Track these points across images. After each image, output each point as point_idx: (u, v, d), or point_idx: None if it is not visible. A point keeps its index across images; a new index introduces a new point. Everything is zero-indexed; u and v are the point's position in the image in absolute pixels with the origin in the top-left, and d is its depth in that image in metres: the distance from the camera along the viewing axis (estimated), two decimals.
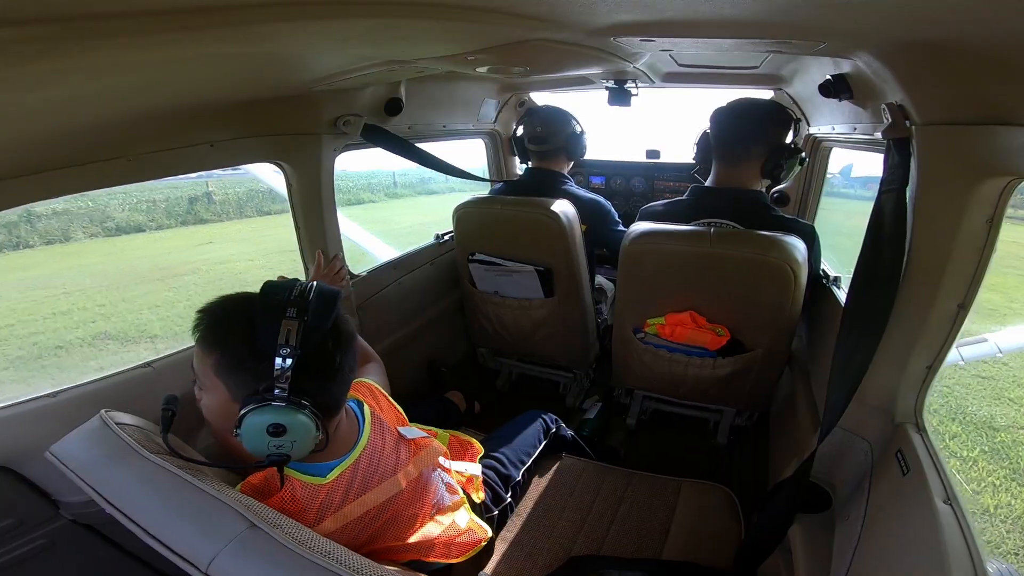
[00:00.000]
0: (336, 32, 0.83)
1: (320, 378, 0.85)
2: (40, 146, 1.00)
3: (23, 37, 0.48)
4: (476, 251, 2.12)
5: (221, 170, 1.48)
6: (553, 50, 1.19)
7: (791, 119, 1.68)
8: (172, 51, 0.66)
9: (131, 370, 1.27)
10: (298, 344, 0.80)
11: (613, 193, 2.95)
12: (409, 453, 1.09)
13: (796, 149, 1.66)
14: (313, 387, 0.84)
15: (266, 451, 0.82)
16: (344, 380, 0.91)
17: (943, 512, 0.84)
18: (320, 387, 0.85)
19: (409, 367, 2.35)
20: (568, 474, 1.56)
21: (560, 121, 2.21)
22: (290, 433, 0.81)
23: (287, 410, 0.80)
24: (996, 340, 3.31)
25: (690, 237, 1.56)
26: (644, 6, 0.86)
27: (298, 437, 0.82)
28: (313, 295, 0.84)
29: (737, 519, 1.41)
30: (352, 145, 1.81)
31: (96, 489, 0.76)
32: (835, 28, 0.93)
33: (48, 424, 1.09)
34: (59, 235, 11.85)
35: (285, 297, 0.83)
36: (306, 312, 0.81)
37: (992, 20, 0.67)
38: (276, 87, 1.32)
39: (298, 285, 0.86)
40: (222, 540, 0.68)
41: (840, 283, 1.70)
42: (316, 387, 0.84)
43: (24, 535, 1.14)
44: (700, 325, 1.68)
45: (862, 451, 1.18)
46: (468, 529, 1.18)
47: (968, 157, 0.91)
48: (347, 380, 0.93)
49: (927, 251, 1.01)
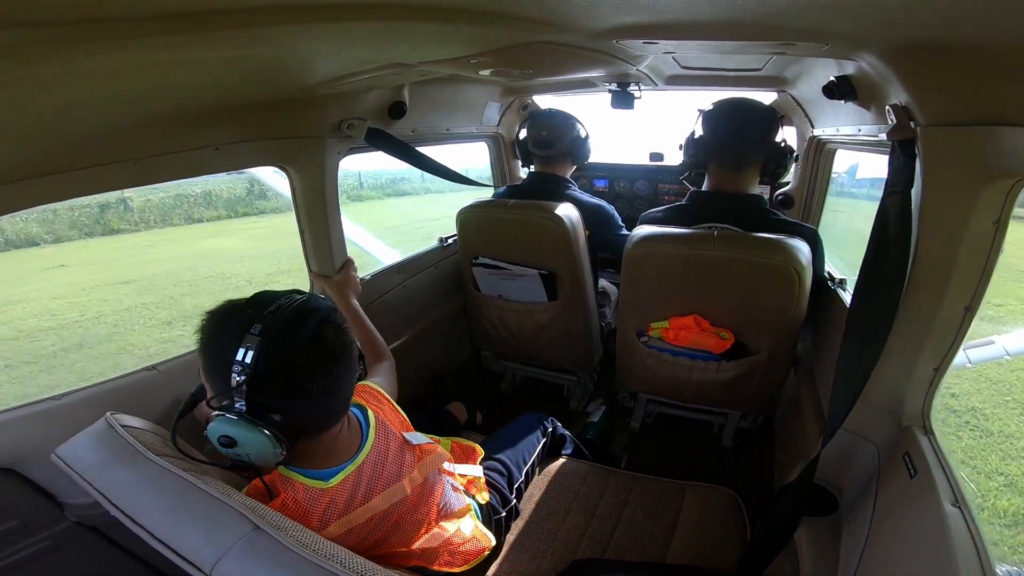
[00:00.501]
0: (340, 35, 0.83)
1: (284, 397, 0.82)
2: (47, 149, 1.00)
3: (30, 40, 0.48)
4: (480, 254, 2.12)
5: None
6: (556, 52, 1.19)
7: (778, 117, 1.69)
8: (178, 54, 0.67)
9: (135, 373, 1.27)
10: (253, 362, 0.78)
11: (616, 196, 2.94)
12: (414, 458, 1.08)
13: (790, 147, 1.67)
14: (277, 405, 0.82)
15: (227, 458, 0.84)
16: (321, 400, 0.87)
17: (951, 515, 0.83)
18: (286, 405, 0.83)
19: (412, 370, 2.35)
20: (572, 477, 1.55)
21: (564, 125, 2.21)
22: (241, 446, 0.81)
23: (239, 424, 0.80)
24: (1004, 342, 3.28)
25: (693, 240, 1.55)
26: (647, 9, 0.86)
27: (251, 451, 0.82)
28: (282, 314, 0.82)
29: (742, 522, 1.40)
30: (356, 148, 1.82)
31: (101, 491, 0.76)
32: (838, 30, 0.93)
33: (53, 426, 1.10)
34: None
35: (255, 312, 0.82)
36: (271, 330, 0.80)
37: (997, 21, 0.67)
38: (280, 90, 1.33)
39: (281, 300, 0.84)
40: (226, 543, 0.68)
41: (846, 285, 1.69)
42: (281, 405, 0.82)
43: (28, 537, 1.15)
44: (704, 328, 1.68)
45: (869, 454, 1.17)
46: (473, 537, 1.18)
47: (974, 158, 0.90)
48: (329, 399, 0.88)
49: (933, 253, 1.00)
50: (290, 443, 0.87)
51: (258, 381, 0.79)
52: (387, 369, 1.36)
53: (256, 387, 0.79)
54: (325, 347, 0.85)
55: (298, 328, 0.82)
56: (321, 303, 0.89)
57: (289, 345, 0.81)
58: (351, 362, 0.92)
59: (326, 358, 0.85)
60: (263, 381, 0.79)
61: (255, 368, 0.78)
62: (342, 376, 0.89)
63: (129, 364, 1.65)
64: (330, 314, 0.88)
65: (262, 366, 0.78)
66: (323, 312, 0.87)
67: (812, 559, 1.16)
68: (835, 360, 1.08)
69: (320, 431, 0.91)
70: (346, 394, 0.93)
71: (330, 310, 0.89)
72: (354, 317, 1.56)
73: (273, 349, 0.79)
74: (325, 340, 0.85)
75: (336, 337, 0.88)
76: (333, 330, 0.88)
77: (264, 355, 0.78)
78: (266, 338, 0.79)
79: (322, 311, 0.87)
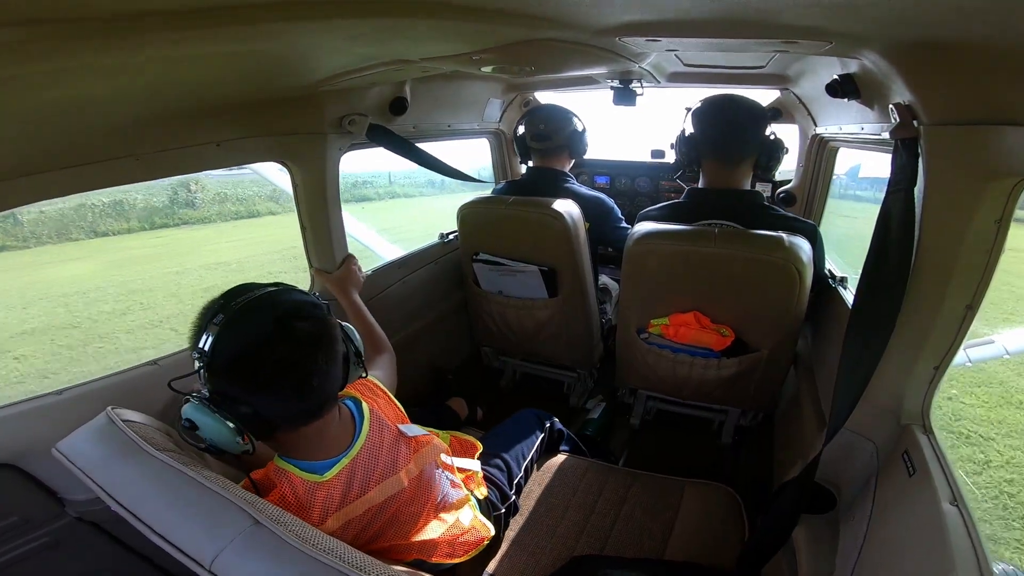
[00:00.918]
0: (342, 31, 0.83)
1: (246, 389, 0.82)
2: (50, 145, 1.00)
3: (32, 37, 0.48)
4: (480, 251, 2.12)
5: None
6: (559, 50, 1.19)
7: (767, 112, 1.70)
8: (180, 51, 0.66)
9: (136, 368, 1.28)
10: (210, 350, 0.79)
11: (618, 193, 2.94)
12: (410, 450, 1.08)
13: (780, 141, 1.68)
14: (241, 396, 0.82)
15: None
16: (291, 396, 0.85)
17: (949, 513, 0.84)
18: (251, 398, 0.83)
19: (413, 366, 2.35)
20: (571, 474, 1.56)
21: (562, 119, 2.21)
22: (201, 431, 0.83)
23: (201, 409, 0.82)
24: (1004, 341, 3.29)
25: (694, 237, 1.55)
26: (650, 6, 0.86)
27: (212, 437, 0.83)
28: (244, 306, 0.82)
29: (741, 520, 1.41)
30: (357, 145, 1.82)
31: (102, 486, 0.76)
32: (842, 28, 0.92)
33: (53, 422, 1.10)
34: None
35: (225, 302, 0.83)
36: (230, 321, 0.80)
37: (1001, 19, 0.67)
38: (282, 86, 1.33)
39: (252, 292, 0.84)
40: (226, 537, 0.68)
41: (847, 283, 1.69)
42: (245, 397, 0.82)
43: (29, 532, 1.15)
44: (704, 326, 1.68)
45: (868, 452, 1.17)
46: (471, 528, 1.18)
47: (977, 157, 0.90)
48: (301, 396, 0.86)
49: (935, 251, 1.00)
50: (264, 434, 0.88)
51: (217, 371, 0.81)
52: (386, 362, 1.36)
53: (216, 376, 0.81)
54: (290, 343, 0.83)
55: (256, 321, 0.82)
56: (295, 298, 0.87)
57: (245, 338, 0.81)
58: (328, 359, 0.89)
59: (292, 354, 0.83)
60: (223, 371, 0.81)
61: (212, 356, 0.79)
62: (315, 373, 0.86)
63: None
64: (303, 309, 0.86)
65: (219, 356, 0.80)
66: (290, 306, 0.84)
67: (810, 556, 1.16)
68: (835, 357, 1.08)
69: (298, 426, 0.90)
70: (326, 392, 0.91)
71: (304, 305, 0.86)
72: (355, 311, 1.56)
73: (229, 340, 0.80)
74: (291, 336, 0.83)
75: (309, 333, 0.85)
76: (309, 325, 0.85)
77: (220, 345, 0.79)
78: (224, 328, 0.80)
79: (288, 305, 0.84)
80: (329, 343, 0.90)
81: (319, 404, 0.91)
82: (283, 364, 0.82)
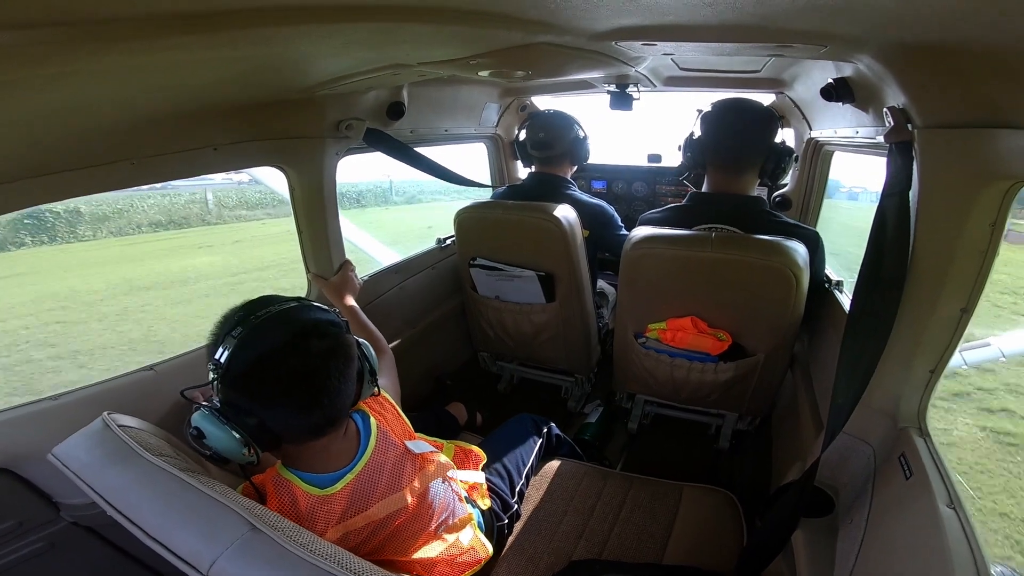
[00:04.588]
0: (340, 36, 0.83)
1: (256, 402, 0.83)
2: (47, 148, 1.00)
3: (29, 40, 0.48)
4: (477, 256, 2.12)
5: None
6: (555, 54, 1.20)
7: (776, 118, 1.69)
8: (177, 55, 0.67)
9: (132, 373, 1.27)
10: (226, 362, 0.80)
11: (615, 198, 2.95)
12: (415, 468, 1.07)
13: (789, 148, 1.67)
14: (250, 408, 0.83)
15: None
16: (299, 411, 0.85)
17: (946, 516, 0.84)
18: (259, 411, 0.83)
19: (411, 371, 2.35)
20: (569, 479, 1.55)
21: (563, 126, 2.21)
22: (208, 440, 0.83)
23: (210, 419, 0.83)
24: (999, 344, 3.30)
25: (691, 242, 1.56)
26: (646, 11, 0.86)
27: (218, 447, 0.84)
28: (263, 321, 0.83)
29: (739, 523, 1.40)
30: (354, 149, 1.82)
31: (98, 491, 0.76)
32: (836, 32, 0.93)
33: (49, 426, 1.09)
34: None
35: (245, 315, 0.84)
36: (247, 335, 0.81)
37: (993, 22, 0.67)
38: (280, 91, 1.33)
39: (273, 306, 0.85)
40: (224, 543, 0.68)
41: (843, 287, 1.69)
42: (254, 409, 0.83)
43: (24, 537, 1.14)
44: (701, 330, 1.68)
45: (865, 455, 1.17)
46: (471, 548, 1.17)
47: (971, 161, 0.91)
48: (309, 412, 0.86)
49: (930, 255, 1.01)
50: (270, 446, 0.88)
51: (230, 382, 0.81)
52: (387, 365, 1.35)
53: (229, 387, 0.82)
54: (301, 359, 0.83)
55: (272, 336, 0.82)
56: (312, 315, 0.87)
57: (260, 352, 0.81)
58: (341, 377, 0.89)
59: (304, 370, 0.84)
60: (236, 383, 0.81)
61: (227, 369, 0.80)
62: (326, 391, 0.86)
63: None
64: (319, 327, 0.86)
65: (234, 368, 0.80)
66: (305, 324, 0.85)
67: (808, 560, 1.16)
68: (833, 361, 1.08)
69: (303, 440, 0.90)
70: (336, 408, 0.90)
71: (320, 323, 0.87)
72: (352, 316, 1.55)
73: (245, 353, 0.80)
74: (302, 352, 0.83)
75: (324, 351, 0.86)
76: (325, 343, 0.86)
77: (235, 358, 0.80)
78: (241, 341, 0.80)
79: (303, 323, 0.85)
80: (345, 361, 0.90)
81: (328, 421, 0.91)
82: (294, 380, 0.83)
